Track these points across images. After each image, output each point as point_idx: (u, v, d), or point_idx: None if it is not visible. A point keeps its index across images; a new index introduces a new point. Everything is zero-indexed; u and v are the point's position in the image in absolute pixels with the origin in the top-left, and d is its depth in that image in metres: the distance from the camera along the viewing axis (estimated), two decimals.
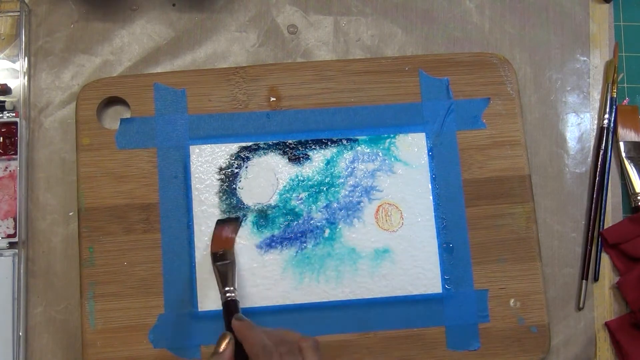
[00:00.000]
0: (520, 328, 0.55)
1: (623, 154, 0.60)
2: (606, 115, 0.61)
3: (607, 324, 0.57)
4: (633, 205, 0.59)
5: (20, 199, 0.55)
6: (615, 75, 0.61)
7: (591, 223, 0.59)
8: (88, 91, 0.57)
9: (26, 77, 0.58)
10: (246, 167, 0.56)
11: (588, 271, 0.58)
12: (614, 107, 0.61)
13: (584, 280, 0.58)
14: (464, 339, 0.55)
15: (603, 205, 0.59)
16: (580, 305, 0.58)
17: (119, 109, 0.58)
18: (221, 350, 0.45)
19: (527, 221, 0.57)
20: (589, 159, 0.61)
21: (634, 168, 0.60)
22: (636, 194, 0.59)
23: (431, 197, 0.57)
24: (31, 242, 0.56)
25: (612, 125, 0.61)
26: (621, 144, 0.60)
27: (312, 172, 0.57)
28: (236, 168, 0.56)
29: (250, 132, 0.57)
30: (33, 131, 0.58)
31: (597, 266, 0.58)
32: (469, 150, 0.58)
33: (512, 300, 0.56)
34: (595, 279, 0.58)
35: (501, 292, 0.56)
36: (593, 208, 0.59)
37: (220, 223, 0.55)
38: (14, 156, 0.56)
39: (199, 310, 0.54)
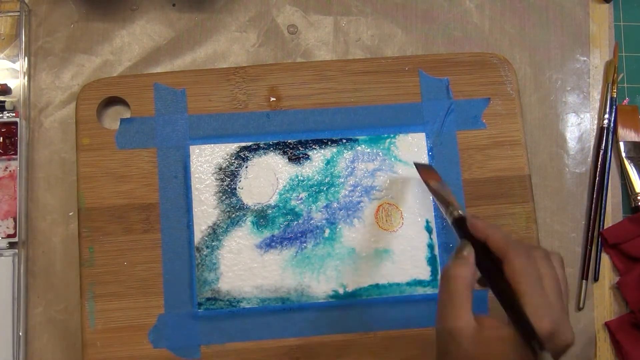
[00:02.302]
0: None
1: (623, 154, 0.60)
2: (606, 115, 0.61)
3: (607, 324, 0.57)
4: (633, 205, 0.59)
5: (20, 199, 0.55)
6: (615, 75, 0.61)
7: (591, 223, 0.59)
8: (88, 91, 0.57)
9: (26, 77, 0.58)
10: (246, 167, 0.56)
11: (588, 271, 0.58)
12: (614, 107, 0.61)
13: (584, 280, 0.58)
14: None
15: (603, 205, 0.59)
16: (580, 305, 0.58)
17: (119, 109, 0.58)
18: (465, 254, 0.41)
19: (527, 221, 0.57)
20: (589, 159, 0.61)
21: (634, 168, 0.60)
22: (636, 194, 0.59)
23: (431, 197, 0.57)
24: (31, 242, 0.56)
25: (612, 125, 0.61)
26: (621, 144, 0.60)
27: (312, 172, 0.57)
28: (236, 168, 0.56)
29: (250, 132, 0.57)
30: (33, 131, 0.58)
31: (597, 266, 0.58)
32: (469, 150, 0.58)
33: None
34: (595, 279, 0.58)
35: None
36: (593, 208, 0.59)
37: (420, 166, 0.54)
38: (14, 156, 0.56)
39: (199, 310, 0.54)
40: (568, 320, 0.40)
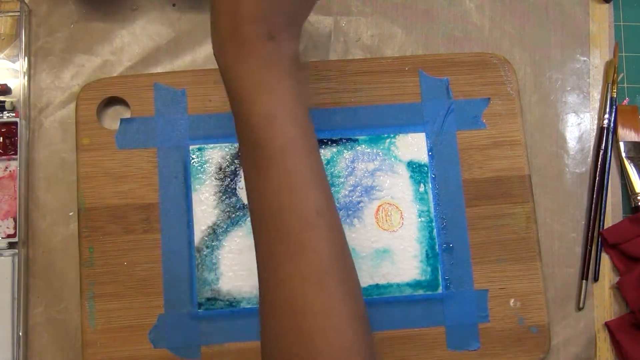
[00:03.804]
0: (520, 328, 0.55)
1: (623, 154, 0.60)
2: (606, 115, 0.61)
3: (607, 324, 0.57)
4: (633, 205, 0.60)
5: (20, 199, 0.55)
6: (615, 75, 0.61)
7: (591, 223, 0.59)
8: (88, 91, 0.57)
9: (26, 77, 0.58)
10: None
11: (588, 271, 0.58)
12: (614, 107, 0.61)
13: (584, 280, 0.58)
14: (464, 339, 0.55)
15: (603, 205, 0.59)
16: (580, 305, 0.58)
17: (119, 109, 0.58)
18: None
19: (527, 221, 0.57)
20: (589, 159, 0.61)
21: (634, 168, 0.60)
22: (636, 194, 0.59)
23: (431, 197, 0.57)
24: (31, 242, 0.56)
25: (612, 125, 0.61)
26: (621, 144, 0.60)
27: None
28: (236, 168, 0.56)
29: None
30: (33, 131, 0.58)
31: (597, 266, 0.58)
32: (469, 150, 0.58)
33: (512, 300, 0.56)
34: (595, 279, 0.58)
35: (501, 292, 0.56)
36: (593, 208, 0.59)
37: None
38: (14, 156, 0.56)
39: (199, 310, 0.54)
40: None
